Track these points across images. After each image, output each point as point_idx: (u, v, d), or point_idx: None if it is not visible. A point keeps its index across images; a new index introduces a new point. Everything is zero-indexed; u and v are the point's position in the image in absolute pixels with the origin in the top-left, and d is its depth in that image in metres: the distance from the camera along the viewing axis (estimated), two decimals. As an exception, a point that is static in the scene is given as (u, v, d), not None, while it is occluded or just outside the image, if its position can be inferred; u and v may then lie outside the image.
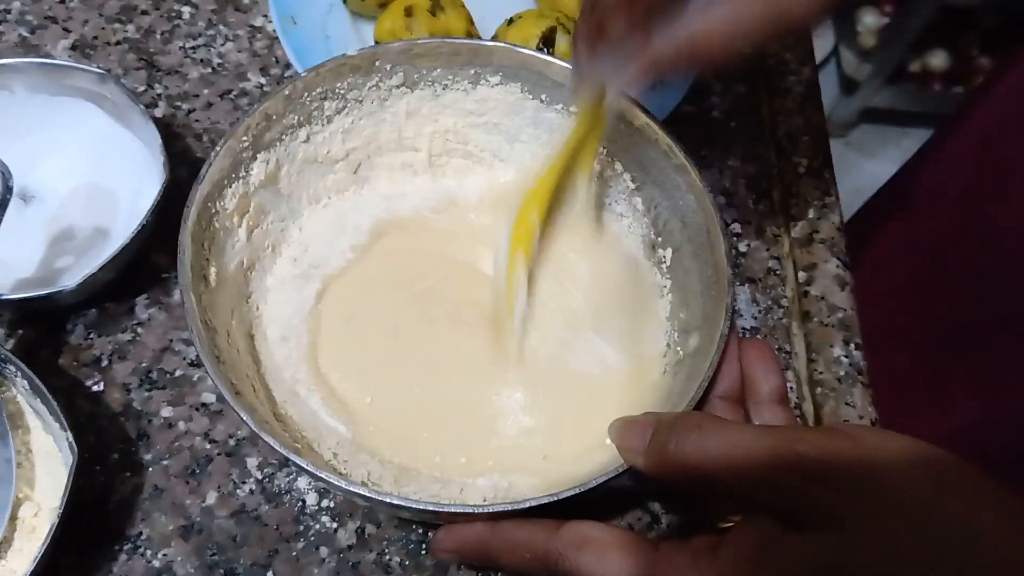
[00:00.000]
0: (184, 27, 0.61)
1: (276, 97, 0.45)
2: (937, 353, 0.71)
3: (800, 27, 0.42)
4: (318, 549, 0.45)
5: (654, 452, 0.34)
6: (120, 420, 0.47)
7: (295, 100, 0.46)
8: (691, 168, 0.44)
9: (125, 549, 0.44)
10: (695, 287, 0.45)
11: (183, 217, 0.41)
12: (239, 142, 0.44)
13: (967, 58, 1.79)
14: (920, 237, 0.75)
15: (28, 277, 0.49)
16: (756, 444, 0.30)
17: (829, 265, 0.56)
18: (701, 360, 0.41)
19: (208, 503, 0.46)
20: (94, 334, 0.49)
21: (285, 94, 0.45)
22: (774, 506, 0.29)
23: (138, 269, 0.50)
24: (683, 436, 0.32)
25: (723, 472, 0.31)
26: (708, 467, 0.31)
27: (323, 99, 0.47)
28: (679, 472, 0.33)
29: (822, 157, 0.61)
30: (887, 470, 0.28)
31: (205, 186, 0.42)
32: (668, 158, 0.45)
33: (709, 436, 0.32)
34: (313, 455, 0.42)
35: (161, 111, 0.57)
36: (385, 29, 0.56)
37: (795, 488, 0.29)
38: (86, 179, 0.53)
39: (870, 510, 0.27)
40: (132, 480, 0.46)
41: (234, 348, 0.42)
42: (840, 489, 0.28)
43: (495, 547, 0.36)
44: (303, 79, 0.45)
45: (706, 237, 0.44)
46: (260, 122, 0.44)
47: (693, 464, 0.32)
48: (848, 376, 0.53)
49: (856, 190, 1.65)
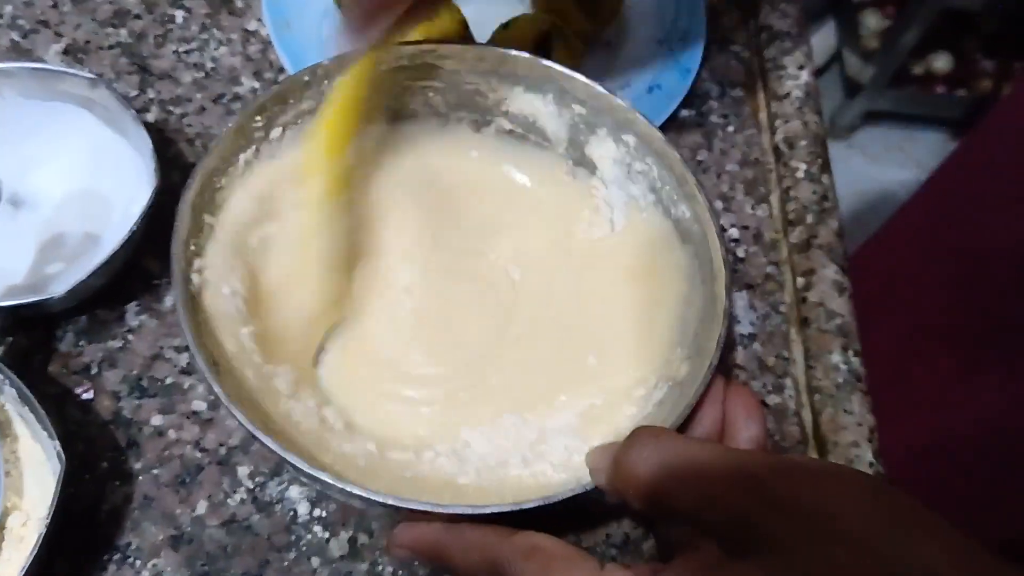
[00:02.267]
0: (177, 31, 0.60)
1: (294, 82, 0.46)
2: (967, 365, 0.71)
3: None
4: (310, 559, 0.45)
5: (611, 466, 0.34)
6: (110, 428, 0.47)
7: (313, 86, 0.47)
8: (703, 199, 0.44)
9: (114, 559, 0.44)
10: (689, 313, 0.45)
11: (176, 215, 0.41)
12: (251, 119, 0.45)
13: (970, 61, 1.79)
14: (956, 240, 0.76)
15: (18, 284, 0.49)
16: (708, 461, 0.30)
17: (828, 271, 0.56)
18: (687, 389, 0.40)
19: (198, 512, 0.45)
20: (84, 341, 0.49)
21: (305, 79, 0.46)
22: (720, 529, 0.29)
23: (129, 275, 0.50)
24: (638, 447, 0.32)
25: (671, 485, 0.31)
26: (658, 479, 0.31)
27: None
28: (630, 483, 0.33)
29: (821, 162, 0.60)
30: (836, 498, 0.27)
31: (212, 160, 0.43)
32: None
33: (664, 448, 0.32)
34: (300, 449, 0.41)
35: (153, 116, 0.57)
36: (379, 33, 0.56)
37: (742, 507, 0.28)
38: (77, 185, 0.52)
39: (816, 536, 0.26)
40: (122, 489, 0.45)
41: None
42: (787, 513, 0.27)
43: (449, 546, 0.36)
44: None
45: (709, 268, 0.44)
46: (276, 103, 0.46)
47: (643, 475, 0.32)
48: (847, 383, 0.52)
49: (859, 193, 1.65)
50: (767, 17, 0.67)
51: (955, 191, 0.80)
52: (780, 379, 0.53)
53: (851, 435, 0.50)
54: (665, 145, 0.46)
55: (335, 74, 0.46)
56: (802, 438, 0.51)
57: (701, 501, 0.30)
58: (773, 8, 0.67)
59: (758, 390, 0.52)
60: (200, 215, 0.43)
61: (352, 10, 0.40)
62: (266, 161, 0.47)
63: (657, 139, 0.47)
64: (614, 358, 0.47)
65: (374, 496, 0.35)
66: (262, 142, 0.47)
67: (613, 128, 0.49)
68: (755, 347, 0.54)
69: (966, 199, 0.77)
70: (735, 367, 0.53)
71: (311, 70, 0.46)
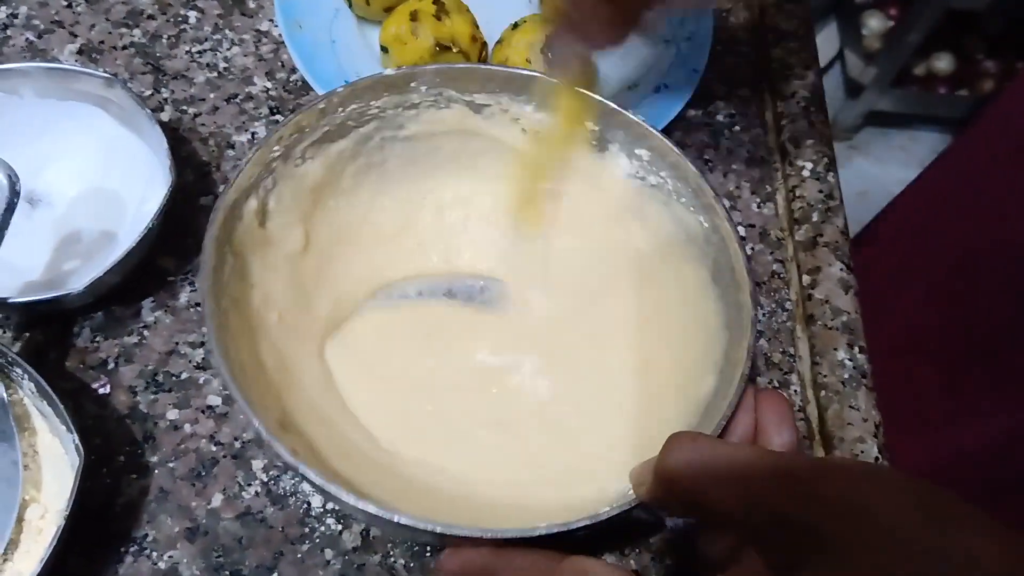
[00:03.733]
0: (190, 31, 0.61)
1: (310, 111, 0.45)
2: (961, 364, 0.71)
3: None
4: (323, 551, 0.45)
5: (652, 473, 0.34)
6: (126, 422, 0.48)
7: (328, 113, 0.46)
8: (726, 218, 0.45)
9: (131, 551, 0.45)
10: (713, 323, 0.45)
11: (208, 227, 0.41)
12: (270, 151, 0.44)
13: (972, 62, 1.79)
14: (944, 247, 0.75)
15: (35, 280, 0.50)
16: (748, 461, 0.30)
17: (833, 269, 0.56)
18: (719, 401, 0.40)
19: (214, 505, 0.46)
20: (100, 337, 0.50)
21: (320, 107, 0.45)
22: (763, 532, 0.29)
23: (144, 272, 0.51)
24: (676, 450, 0.32)
25: (712, 486, 0.30)
26: (698, 481, 0.31)
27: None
28: (672, 488, 0.32)
29: (826, 161, 0.61)
30: (880, 496, 0.27)
31: (232, 193, 0.42)
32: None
33: (702, 449, 0.31)
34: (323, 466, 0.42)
35: (167, 115, 0.57)
36: (390, 34, 0.57)
37: (787, 507, 0.28)
38: (93, 183, 0.53)
39: (863, 538, 0.26)
40: (138, 482, 0.46)
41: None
42: (835, 512, 0.27)
43: (499, 572, 0.36)
44: (339, 93, 0.46)
45: (731, 277, 0.44)
46: (293, 133, 0.45)
47: (684, 477, 0.32)
48: (852, 379, 0.53)
49: (861, 194, 1.65)
50: (773, 18, 0.67)
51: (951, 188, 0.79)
52: (786, 375, 0.54)
53: (857, 431, 0.51)
54: (680, 158, 0.46)
55: (350, 101, 0.46)
56: (808, 434, 0.52)
57: (744, 501, 0.29)
58: (779, 9, 0.68)
59: (764, 387, 0.53)
60: (223, 250, 0.42)
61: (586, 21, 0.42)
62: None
63: (672, 152, 0.47)
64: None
65: (419, 524, 0.35)
66: (280, 171, 0.46)
67: (626, 143, 0.49)
68: (761, 344, 0.54)
69: (962, 196, 0.76)
70: (742, 364, 0.53)
71: (327, 98, 0.45)
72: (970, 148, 0.81)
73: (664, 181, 0.48)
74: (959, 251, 0.74)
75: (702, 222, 0.46)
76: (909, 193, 0.87)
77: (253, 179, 0.44)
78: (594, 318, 0.50)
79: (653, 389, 0.47)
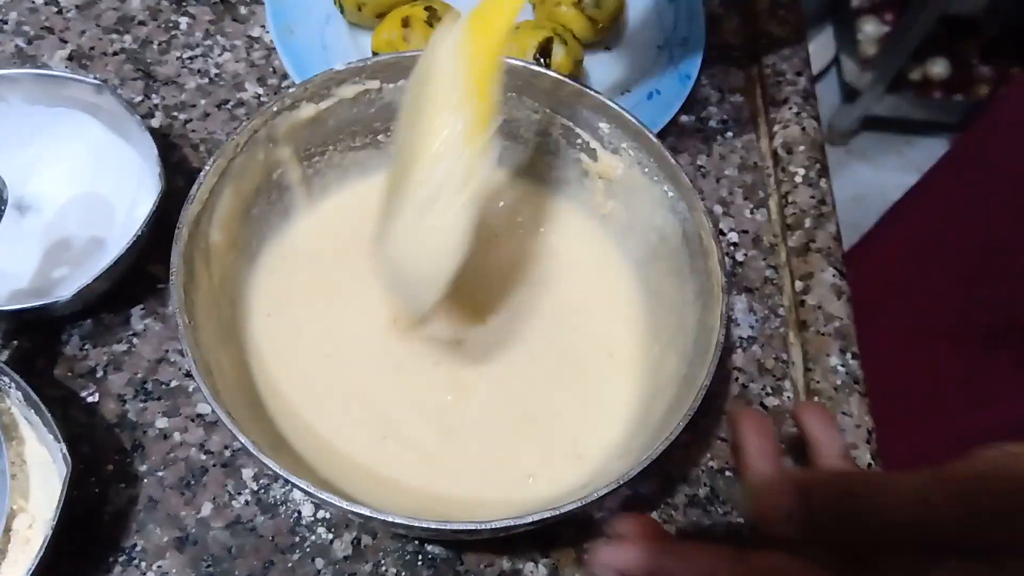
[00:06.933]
0: (181, 37, 0.61)
1: (263, 113, 0.45)
2: (961, 364, 0.70)
3: None
4: (314, 561, 0.45)
5: (814, 514, 0.31)
6: (115, 431, 0.47)
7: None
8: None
9: (120, 561, 0.44)
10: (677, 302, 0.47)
11: (175, 238, 0.41)
12: (228, 161, 0.44)
13: (967, 67, 1.79)
14: (944, 250, 0.75)
15: (23, 288, 0.49)
16: (931, 481, 0.28)
17: (825, 274, 0.56)
18: (696, 371, 0.41)
19: (203, 514, 0.46)
20: (89, 345, 0.49)
21: (274, 110, 0.45)
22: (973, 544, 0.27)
23: (134, 279, 0.50)
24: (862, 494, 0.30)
25: (915, 514, 0.28)
26: (898, 517, 0.28)
27: None
28: (862, 530, 0.29)
29: (819, 167, 0.61)
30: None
31: (196, 206, 0.42)
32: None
33: (887, 488, 0.29)
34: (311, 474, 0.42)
35: (158, 121, 0.57)
36: (382, 40, 0.56)
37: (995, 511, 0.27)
38: (82, 190, 0.53)
39: None
40: (127, 491, 0.46)
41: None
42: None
43: (674, 572, 0.32)
44: (290, 94, 0.45)
45: (699, 245, 0.45)
46: (248, 139, 0.45)
47: (882, 516, 0.29)
48: (845, 385, 0.53)
49: (857, 198, 1.65)
50: (766, 24, 0.67)
51: (954, 189, 0.79)
52: (779, 381, 0.53)
53: (849, 437, 0.51)
54: (642, 128, 0.47)
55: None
56: (801, 439, 0.52)
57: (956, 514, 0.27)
58: (772, 15, 0.67)
59: (757, 393, 0.53)
60: (192, 262, 0.42)
61: None
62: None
63: (632, 123, 0.47)
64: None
65: (411, 522, 0.36)
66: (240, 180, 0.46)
67: (586, 118, 0.49)
68: (754, 350, 0.54)
69: (965, 197, 0.76)
70: (735, 370, 0.53)
71: (279, 100, 0.45)
72: (967, 149, 0.81)
73: (627, 152, 0.49)
74: (959, 254, 0.74)
75: (667, 192, 0.47)
76: (908, 198, 0.87)
77: (214, 189, 0.43)
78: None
79: (634, 371, 0.49)
